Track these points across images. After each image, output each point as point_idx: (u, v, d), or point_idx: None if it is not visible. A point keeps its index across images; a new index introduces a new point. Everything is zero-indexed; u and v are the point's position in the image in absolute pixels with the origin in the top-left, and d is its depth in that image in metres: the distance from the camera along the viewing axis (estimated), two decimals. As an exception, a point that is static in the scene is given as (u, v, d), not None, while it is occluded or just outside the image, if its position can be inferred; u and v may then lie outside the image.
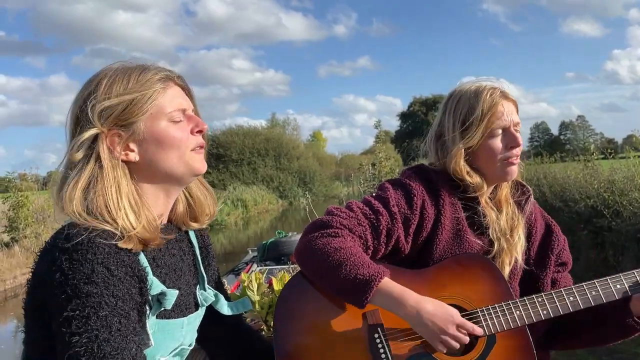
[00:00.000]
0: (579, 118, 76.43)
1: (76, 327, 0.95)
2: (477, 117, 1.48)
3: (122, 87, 1.10)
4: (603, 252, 6.72)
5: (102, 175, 1.07)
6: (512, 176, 1.52)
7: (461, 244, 1.48)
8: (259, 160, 35.44)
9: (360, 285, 1.29)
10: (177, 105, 1.15)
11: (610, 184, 7.29)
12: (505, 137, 1.50)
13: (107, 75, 1.12)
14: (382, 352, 1.33)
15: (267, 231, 19.57)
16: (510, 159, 1.49)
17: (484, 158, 1.51)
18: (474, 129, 1.48)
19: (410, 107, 68.46)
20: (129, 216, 1.06)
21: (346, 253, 1.33)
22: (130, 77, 1.11)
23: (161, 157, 1.13)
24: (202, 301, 1.29)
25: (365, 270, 1.30)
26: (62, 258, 0.98)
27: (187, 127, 1.17)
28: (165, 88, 1.15)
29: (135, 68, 1.14)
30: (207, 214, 1.31)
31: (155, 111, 1.12)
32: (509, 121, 1.50)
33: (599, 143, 34.33)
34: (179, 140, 1.14)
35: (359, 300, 1.31)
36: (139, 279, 1.06)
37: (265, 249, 5.28)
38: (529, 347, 1.39)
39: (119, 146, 1.10)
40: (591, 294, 1.42)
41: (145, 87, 1.11)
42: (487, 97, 1.49)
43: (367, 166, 13.23)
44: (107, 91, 1.09)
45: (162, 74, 1.15)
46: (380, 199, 1.48)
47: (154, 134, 1.12)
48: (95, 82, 1.11)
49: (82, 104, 1.10)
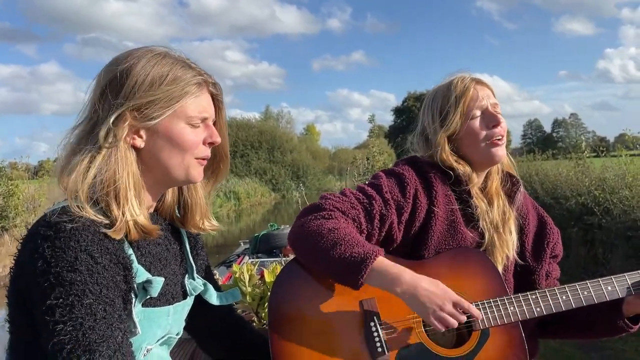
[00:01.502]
0: (571, 116, 76.98)
1: (60, 315, 0.95)
2: (452, 103, 1.52)
3: (158, 79, 1.09)
4: (593, 249, 6.77)
5: (117, 155, 1.06)
6: (499, 158, 1.53)
7: (455, 235, 1.49)
8: (252, 153, 35.38)
9: (355, 264, 1.28)
10: (201, 112, 1.15)
11: (601, 182, 7.34)
12: (485, 118, 1.53)
13: (145, 57, 1.11)
14: (377, 340, 1.33)
15: (259, 224, 19.55)
16: (493, 138, 1.51)
17: (467, 142, 1.53)
18: (452, 115, 1.52)
19: (404, 102, 68.41)
20: (133, 202, 1.06)
21: (340, 233, 1.32)
22: (170, 71, 1.11)
23: (166, 154, 1.13)
24: (190, 290, 1.28)
25: (360, 249, 1.29)
26: (44, 245, 0.97)
27: (201, 134, 1.16)
28: (198, 93, 1.14)
29: (177, 62, 1.13)
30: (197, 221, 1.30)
31: (179, 111, 1.12)
32: (486, 102, 1.53)
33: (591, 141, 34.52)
34: (189, 145, 1.14)
35: (354, 280, 1.29)
36: (124, 267, 1.05)
37: (258, 241, 5.28)
38: (521, 342, 1.40)
39: (131, 130, 1.10)
40: (583, 294, 1.43)
41: (179, 86, 1.11)
42: (459, 83, 1.54)
43: (360, 160, 13.26)
44: (143, 77, 1.08)
45: (200, 78, 1.15)
46: (373, 186, 1.48)
47: (168, 130, 1.11)
48: (131, 62, 1.09)
49: (112, 79, 1.08)
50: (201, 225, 1.31)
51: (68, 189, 1.03)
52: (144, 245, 1.14)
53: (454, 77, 1.58)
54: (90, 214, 1.01)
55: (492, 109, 1.53)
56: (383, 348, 1.32)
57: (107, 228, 1.03)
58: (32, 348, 1.04)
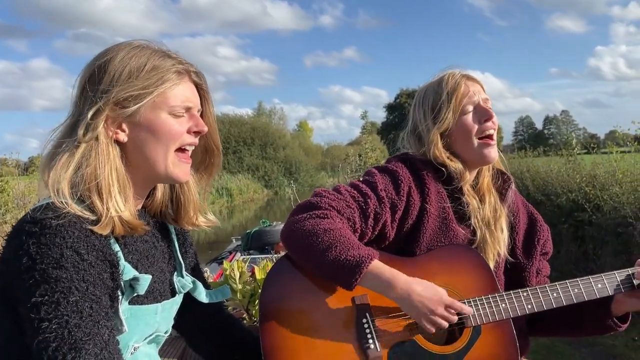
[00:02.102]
0: (563, 113, 77.41)
1: (45, 312, 0.93)
2: (444, 100, 1.52)
3: (136, 71, 1.07)
4: (583, 245, 6.80)
5: (97, 150, 1.04)
6: (492, 158, 1.53)
7: (447, 232, 1.49)
8: (245, 149, 35.25)
9: (349, 267, 1.28)
10: (183, 100, 1.12)
11: (592, 179, 7.37)
12: (477, 112, 1.53)
13: (124, 50, 1.09)
14: (369, 336, 1.33)
15: (251, 220, 19.50)
16: (485, 134, 1.52)
17: (460, 139, 1.53)
18: (444, 111, 1.52)
19: (396, 98, 68.51)
20: (117, 197, 1.04)
21: (335, 234, 1.31)
22: (147, 62, 1.09)
23: (149, 147, 1.11)
24: (179, 288, 1.27)
25: (356, 252, 1.29)
26: (29, 242, 0.95)
27: (185, 124, 1.14)
28: (179, 82, 1.12)
29: (155, 53, 1.11)
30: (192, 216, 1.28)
31: (160, 101, 1.09)
32: (477, 98, 1.53)
33: (581, 138, 34.73)
34: (173, 135, 1.12)
35: (348, 282, 1.29)
36: (111, 264, 1.04)
37: (249, 238, 5.26)
38: (512, 338, 1.41)
39: (113, 124, 1.08)
40: (573, 292, 1.44)
41: (158, 75, 1.09)
42: (450, 79, 1.55)
43: (353, 157, 13.25)
44: (120, 70, 1.06)
45: (180, 67, 1.12)
46: (368, 183, 1.47)
47: (150, 121, 1.09)
48: (110, 56, 1.08)
49: (91, 75, 1.07)
50: (195, 221, 1.29)
51: (50, 185, 1.01)
52: (130, 242, 1.13)
53: (444, 74, 1.58)
54: (76, 210, 0.99)
55: (483, 104, 1.54)
56: (375, 344, 1.32)
57: (93, 224, 1.01)
58: (15, 347, 1.03)
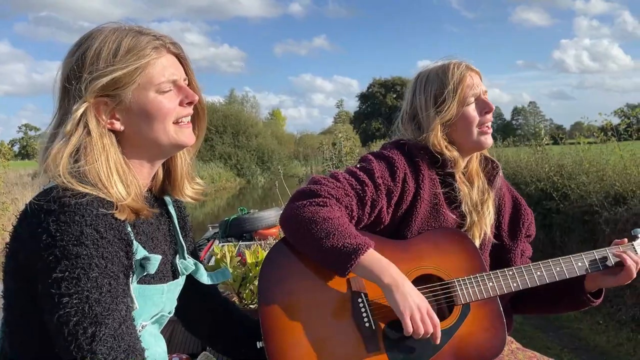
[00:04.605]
0: (530, 104, 78.98)
1: (66, 288, 0.95)
2: (449, 90, 1.56)
3: (112, 56, 1.06)
4: (551, 232, 7.03)
5: (91, 143, 1.05)
6: (488, 144, 1.60)
7: (438, 217, 1.55)
8: (217, 137, 34.84)
9: (345, 254, 1.32)
10: (167, 75, 1.12)
11: (560, 168, 7.60)
12: (478, 104, 1.59)
13: (97, 39, 1.08)
14: (365, 317, 1.37)
15: (224, 209, 19.38)
16: (485, 125, 1.58)
17: (461, 128, 1.58)
18: (450, 102, 1.56)
19: (369, 88, 68.74)
20: (118, 186, 1.06)
21: (334, 223, 1.35)
22: (121, 44, 1.08)
23: (146, 128, 1.11)
24: (182, 270, 1.30)
25: (353, 240, 1.33)
26: (48, 220, 0.97)
27: (176, 98, 1.14)
28: (158, 57, 1.11)
29: (127, 34, 1.10)
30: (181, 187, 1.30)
31: (144, 81, 1.09)
32: (479, 90, 1.59)
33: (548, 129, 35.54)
34: (165, 112, 1.12)
35: (342, 270, 1.34)
36: (126, 243, 1.06)
37: (228, 225, 5.25)
38: (499, 315, 1.48)
39: (105, 115, 1.08)
40: (556, 270, 1.52)
41: (136, 57, 1.07)
42: (455, 70, 1.58)
43: (327, 146, 13.27)
44: (96, 59, 1.06)
45: (156, 43, 1.11)
46: (365, 170, 1.51)
47: (140, 104, 1.09)
48: (84, 48, 1.08)
49: (69, 71, 1.07)
50: (183, 190, 1.30)
51: (55, 177, 1.03)
52: (138, 223, 1.15)
53: (448, 63, 1.61)
54: (93, 191, 1.02)
55: (483, 96, 1.60)
56: (370, 322, 1.37)
57: (109, 204, 1.03)
58: (28, 322, 1.04)
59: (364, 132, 57.19)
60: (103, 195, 1.03)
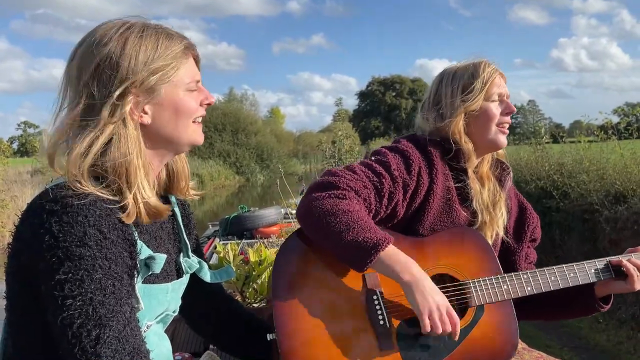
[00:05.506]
0: (529, 102, 78.81)
1: (69, 290, 0.94)
2: (478, 82, 1.58)
3: (151, 53, 1.09)
4: (551, 231, 7.02)
5: (126, 133, 1.05)
6: (503, 144, 1.61)
7: (450, 212, 1.54)
8: (216, 135, 34.82)
9: (365, 249, 1.29)
10: (193, 76, 1.16)
11: (560, 167, 7.60)
12: (501, 104, 1.61)
13: (133, 32, 1.09)
14: (379, 313, 1.36)
15: (223, 207, 19.35)
16: (503, 124, 1.60)
17: (481, 122, 1.59)
18: (477, 93, 1.58)
19: (368, 86, 68.67)
20: (144, 183, 1.06)
21: (354, 216, 1.32)
22: (158, 42, 1.10)
23: (172, 125, 1.13)
24: (186, 268, 1.29)
25: (373, 235, 1.31)
26: (51, 221, 0.96)
27: (198, 98, 1.18)
28: (188, 58, 1.16)
29: (160, 33, 1.12)
30: (182, 187, 1.30)
31: (177, 80, 1.12)
32: (504, 91, 1.61)
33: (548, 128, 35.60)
34: (193, 110, 1.16)
35: (361, 264, 1.31)
36: (130, 243, 1.05)
37: (228, 223, 5.25)
38: (512, 319, 1.47)
39: (137, 108, 1.09)
40: (569, 275, 1.52)
41: (172, 56, 1.11)
42: (487, 67, 1.61)
43: (326, 144, 13.28)
44: (134, 53, 1.07)
45: (185, 43, 1.15)
46: (381, 162, 1.49)
47: (171, 101, 1.12)
48: (119, 39, 1.07)
49: (104, 59, 1.05)
50: (185, 191, 1.31)
51: (68, 173, 1.01)
52: (142, 222, 1.14)
53: (479, 61, 1.63)
54: (96, 191, 1.00)
55: (507, 98, 1.63)
56: (385, 320, 1.36)
57: (113, 204, 1.02)
58: (29, 323, 1.03)
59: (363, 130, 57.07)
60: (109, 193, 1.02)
